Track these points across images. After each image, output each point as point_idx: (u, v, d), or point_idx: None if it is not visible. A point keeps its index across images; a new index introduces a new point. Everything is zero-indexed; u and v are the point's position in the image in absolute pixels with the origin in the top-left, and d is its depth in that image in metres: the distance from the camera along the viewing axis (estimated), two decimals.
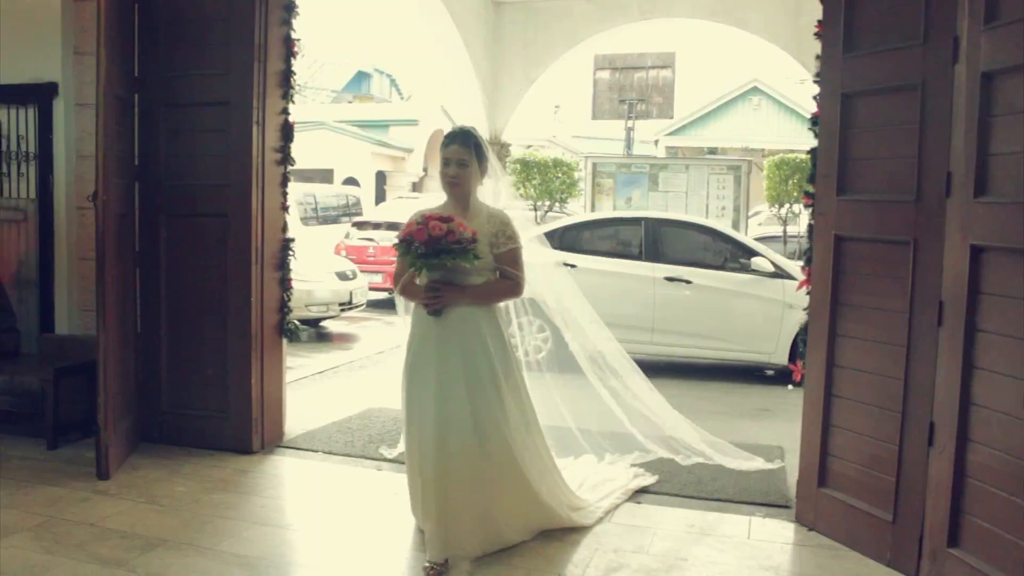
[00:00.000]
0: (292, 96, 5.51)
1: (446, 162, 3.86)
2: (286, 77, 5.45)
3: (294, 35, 5.52)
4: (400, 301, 4.34)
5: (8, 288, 5.93)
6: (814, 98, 4.35)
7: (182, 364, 5.45)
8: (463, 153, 3.85)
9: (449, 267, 3.64)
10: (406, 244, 3.63)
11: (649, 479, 5.04)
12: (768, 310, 8.20)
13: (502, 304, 4.07)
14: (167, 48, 5.37)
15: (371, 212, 18.62)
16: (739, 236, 9.44)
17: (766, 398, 7.71)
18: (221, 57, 5.24)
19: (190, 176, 5.40)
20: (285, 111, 5.46)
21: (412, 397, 3.84)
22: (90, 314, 5.73)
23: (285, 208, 5.56)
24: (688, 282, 8.41)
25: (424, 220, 3.58)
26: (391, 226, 14.17)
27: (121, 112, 5.11)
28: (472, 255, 3.57)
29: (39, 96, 5.86)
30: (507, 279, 3.86)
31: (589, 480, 4.88)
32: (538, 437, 4.15)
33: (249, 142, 5.18)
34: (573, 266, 8.62)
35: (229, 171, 5.22)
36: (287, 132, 5.47)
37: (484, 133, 12.44)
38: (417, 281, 3.83)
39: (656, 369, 8.87)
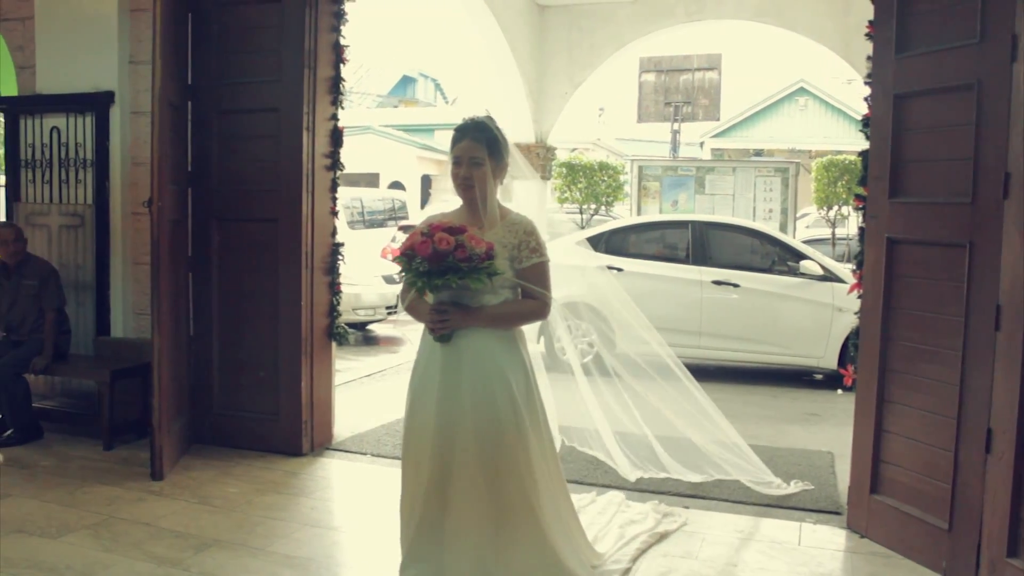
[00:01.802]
0: (341, 102, 5.57)
1: (456, 161, 3.22)
2: (335, 83, 5.52)
3: (343, 41, 5.58)
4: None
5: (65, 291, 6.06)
6: (865, 99, 4.29)
7: (233, 367, 5.53)
8: (475, 150, 3.19)
9: (456, 286, 3.03)
10: (407, 259, 3.01)
11: (677, 522, 4.42)
12: (817, 314, 8.10)
13: (526, 327, 3.36)
14: (219, 56, 5.46)
15: (417, 216, 18.71)
16: (787, 239, 9.33)
17: (815, 403, 7.62)
18: (272, 64, 5.32)
19: (241, 182, 5.48)
20: (334, 117, 5.53)
21: (410, 436, 3.27)
22: (145, 317, 5.85)
23: (334, 212, 5.63)
24: (736, 285, 8.34)
25: (430, 231, 2.95)
26: None
27: (175, 119, 5.20)
28: (485, 274, 2.95)
29: (96, 104, 5.99)
30: (531, 299, 3.22)
31: (615, 520, 4.35)
32: (558, 484, 3.44)
33: (299, 148, 5.24)
34: (619, 269, 8.60)
35: (280, 176, 5.30)
36: (336, 137, 5.53)
37: (530, 136, 12.48)
38: (427, 298, 3.28)
39: (703, 373, 8.84)
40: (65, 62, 6.09)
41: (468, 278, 2.93)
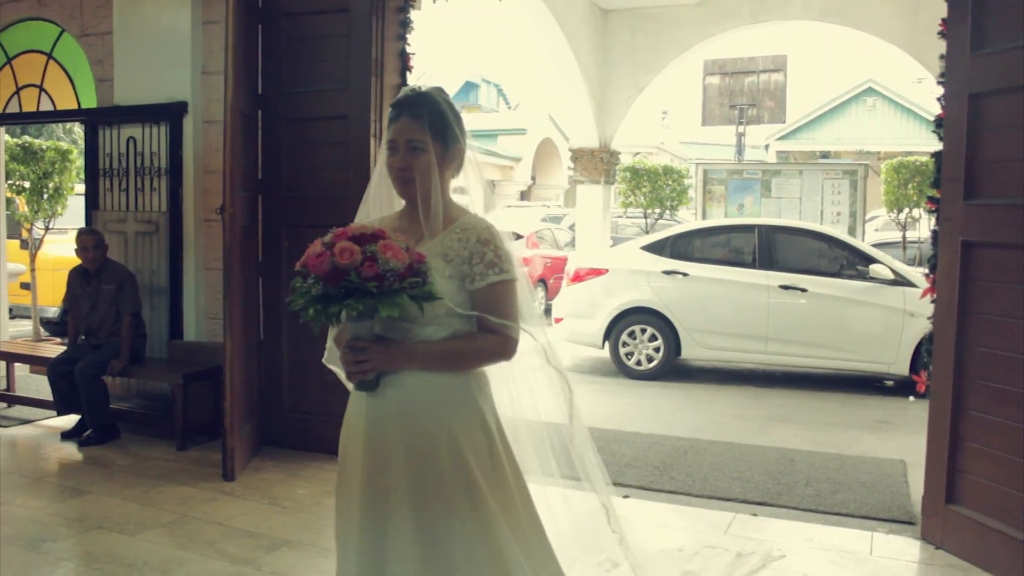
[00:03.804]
0: None
1: (391, 146, 2.29)
2: (401, 90, 5.57)
3: (409, 49, 5.64)
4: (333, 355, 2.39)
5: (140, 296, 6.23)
6: (938, 99, 4.20)
7: (303, 370, 5.62)
8: (414, 130, 2.25)
9: (357, 314, 2.04)
10: (301, 277, 2.10)
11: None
12: (888, 318, 7.94)
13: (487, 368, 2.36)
14: (288, 65, 5.57)
15: None
16: (856, 242, 9.17)
17: (886, 410, 7.46)
18: (340, 73, 5.41)
19: (310, 188, 5.57)
20: None
21: (339, 526, 2.34)
22: (216, 321, 5.99)
23: None
24: (803, 290, 8.22)
25: (331, 240, 2.06)
26: None
27: (246, 128, 5.32)
28: (406, 297, 2.02)
29: (170, 114, 6.15)
30: (488, 332, 2.23)
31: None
32: (545, 564, 2.42)
33: (367, 155, 5.31)
34: (685, 274, 8.54)
35: (348, 183, 5.37)
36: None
37: (593, 141, 12.48)
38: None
39: (770, 379, 8.75)
40: (141, 74, 6.27)
41: (385, 305, 2.01)
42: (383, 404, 2.22)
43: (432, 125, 2.27)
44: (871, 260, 8.28)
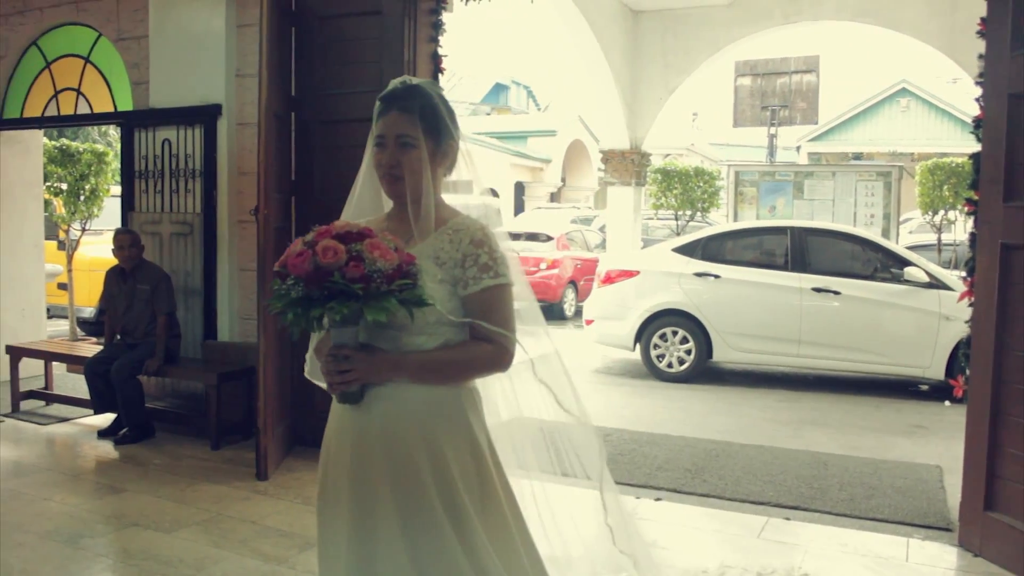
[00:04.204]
0: None
1: (379, 142, 2.15)
2: None
3: (440, 51, 5.66)
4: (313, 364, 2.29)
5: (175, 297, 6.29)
6: (976, 100, 4.15)
7: None
8: (405, 124, 2.11)
9: (341, 318, 1.91)
10: (280, 279, 1.93)
11: None
12: (923, 322, 7.85)
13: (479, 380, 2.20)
14: (322, 68, 5.61)
15: (511, 223, 18.83)
16: (890, 245, 9.08)
17: (921, 414, 7.38)
18: (372, 75, 5.42)
19: (343, 190, 5.53)
20: None
21: (323, 543, 2.17)
22: (250, 322, 6.04)
23: None
24: (836, 292, 8.14)
25: (314, 239, 1.91)
26: (531, 236, 14.31)
27: (280, 130, 5.36)
28: (395, 300, 1.88)
29: (205, 117, 6.22)
30: (483, 340, 2.08)
31: None
32: None
33: None
34: (717, 276, 8.50)
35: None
36: None
37: (624, 143, 12.46)
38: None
39: (803, 382, 8.68)
40: (176, 77, 6.35)
41: (372, 309, 1.85)
42: (368, 419, 2.05)
43: (424, 119, 2.13)
44: (906, 263, 8.19)
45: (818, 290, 8.18)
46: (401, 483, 2.01)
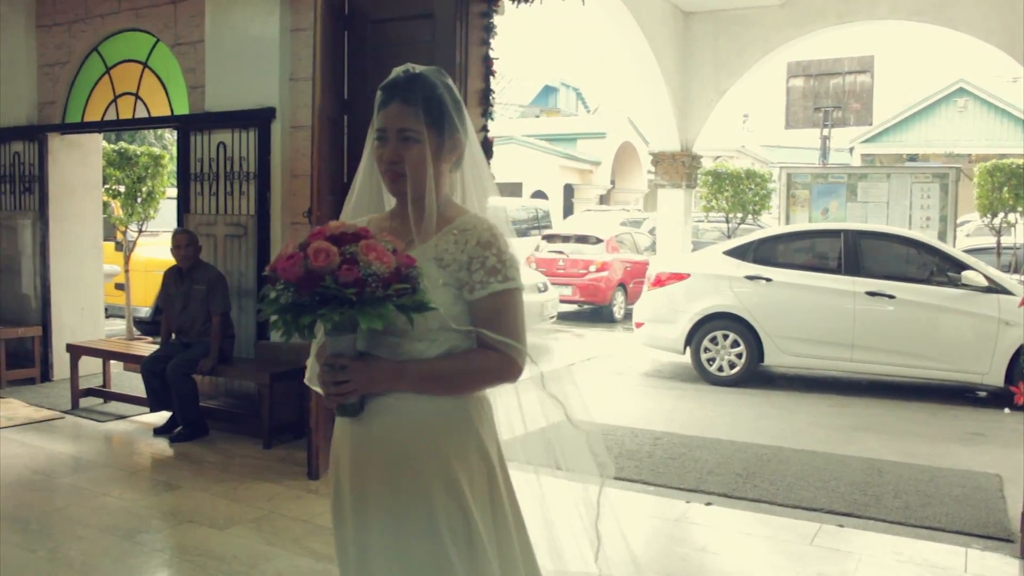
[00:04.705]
0: (491, 113, 5.66)
1: (380, 136, 2.01)
2: (485, 95, 5.62)
3: (492, 54, 5.67)
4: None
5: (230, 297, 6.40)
6: None
7: None
8: (406, 117, 1.97)
9: (333, 325, 1.77)
10: (270, 283, 1.81)
11: None
12: (981, 327, 7.67)
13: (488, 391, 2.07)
14: (374, 71, 5.64)
15: (560, 225, 18.86)
16: (947, 248, 8.90)
17: (979, 421, 7.22)
18: None
19: None
20: (484, 128, 5.62)
21: (337, 553, 2.06)
22: None
23: None
24: (891, 296, 8.00)
25: (307, 240, 1.79)
26: (580, 239, 14.28)
27: (333, 133, 5.42)
28: (390, 308, 1.74)
29: (259, 120, 6.30)
30: (490, 349, 1.93)
31: None
32: None
33: None
34: (768, 279, 8.41)
35: None
36: (487, 149, 5.62)
37: (675, 145, 12.38)
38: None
39: (856, 387, 8.55)
40: (231, 81, 6.45)
41: (365, 316, 1.72)
42: (368, 432, 1.93)
43: (427, 112, 1.97)
44: (963, 266, 8.02)
45: (872, 294, 8.05)
46: (402, 500, 1.89)
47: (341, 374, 1.85)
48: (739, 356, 8.50)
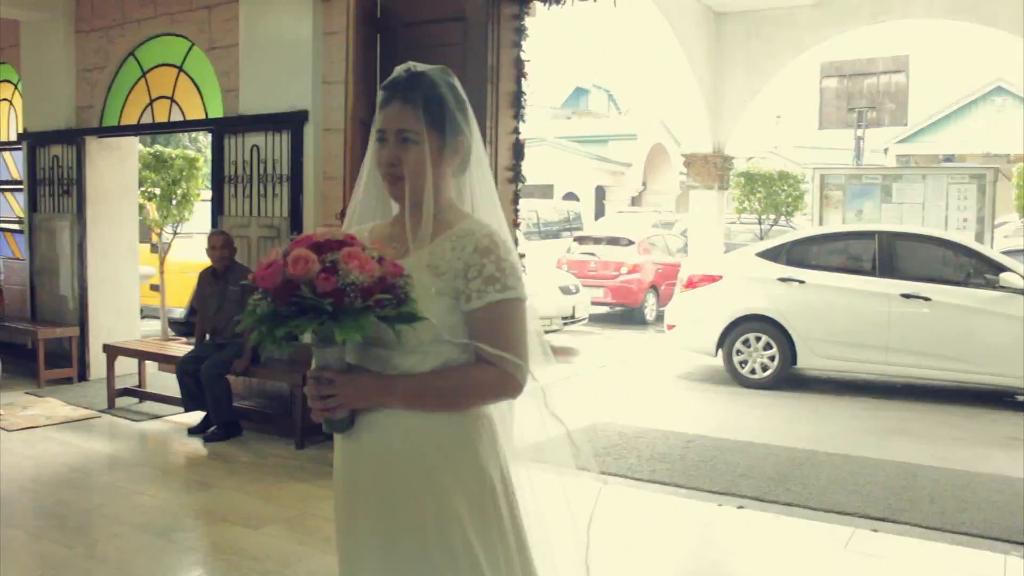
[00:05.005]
0: (522, 116, 5.67)
1: (380, 137, 1.90)
2: (517, 97, 5.62)
3: (524, 56, 5.68)
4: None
5: None
6: None
7: None
8: (406, 118, 1.86)
9: (305, 336, 1.69)
10: (252, 292, 1.73)
11: None
12: (1019, 330, 7.55)
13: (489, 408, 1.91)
14: None
15: (592, 227, 18.83)
16: (984, 249, 8.77)
17: (1017, 426, 7.10)
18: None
19: None
20: (516, 131, 5.63)
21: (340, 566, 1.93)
22: None
23: (516, 224, 5.72)
24: (927, 299, 7.90)
25: (289, 247, 1.70)
26: (612, 240, 14.25)
27: (365, 136, 5.41)
28: (370, 320, 1.64)
29: (292, 123, 6.35)
30: (487, 364, 1.80)
31: None
32: None
33: None
34: (802, 282, 8.34)
35: None
36: (518, 151, 5.63)
37: (707, 146, 12.31)
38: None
39: (890, 390, 8.46)
40: (265, 84, 6.51)
41: (340, 325, 1.62)
42: (358, 449, 1.83)
43: (428, 111, 1.86)
44: (1001, 268, 7.91)
45: (907, 296, 7.95)
46: (392, 526, 1.78)
47: (327, 388, 1.74)
48: (772, 359, 8.44)
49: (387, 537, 1.78)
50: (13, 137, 8.88)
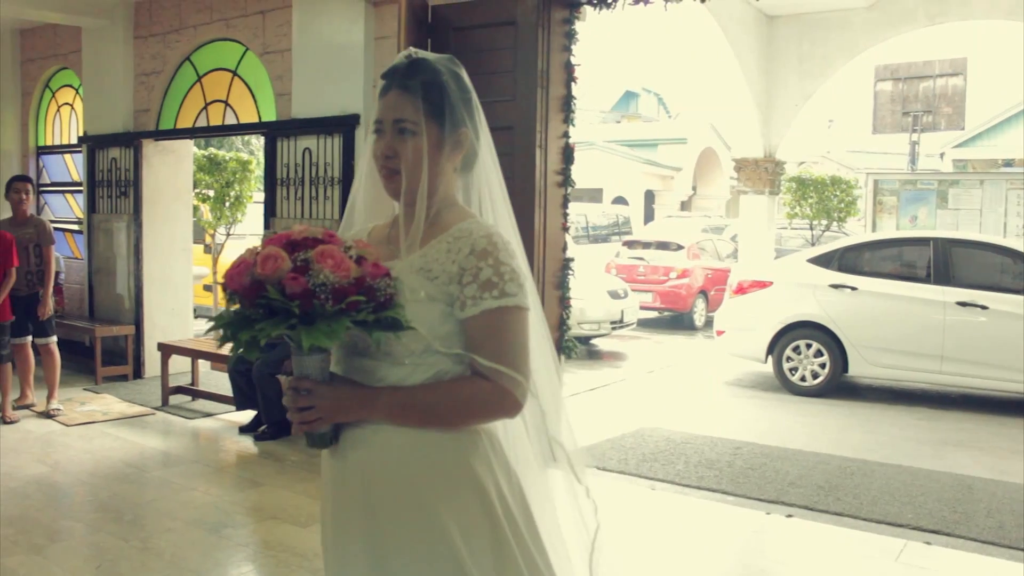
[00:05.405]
0: (572, 120, 5.67)
1: (377, 128, 1.75)
2: (567, 102, 5.63)
3: (574, 61, 5.68)
4: None
5: None
6: None
7: None
8: (404, 107, 1.71)
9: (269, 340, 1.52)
10: (227, 293, 1.59)
11: None
12: None
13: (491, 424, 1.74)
14: None
15: (641, 231, 18.74)
16: None
17: None
18: (506, 85, 5.50)
19: None
20: (566, 135, 5.63)
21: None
22: None
23: (565, 228, 5.73)
24: (983, 307, 7.74)
25: (263, 245, 1.58)
26: (661, 245, 14.17)
27: None
28: (342, 325, 1.49)
29: (344, 126, 6.42)
30: (481, 377, 1.63)
31: None
32: None
33: (532, 165, 5.38)
34: (854, 288, 8.22)
35: (513, 193, 5.36)
36: (568, 155, 5.63)
37: (758, 151, 12.19)
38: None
39: (945, 400, 8.30)
40: (317, 88, 6.58)
41: (306, 330, 1.48)
42: (344, 467, 1.67)
43: (427, 100, 1.70)
44: None
45: (963, 304, 7.80)
46: (380, 552, 1.62)
47: (305, 399, 1.59)
48: (822, 366, 8.33)
49: (377, 562, 1.63)
50: (74, 141, 9.10)
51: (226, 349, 1.61)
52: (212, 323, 1.59)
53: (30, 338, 6.65)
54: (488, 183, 1.84)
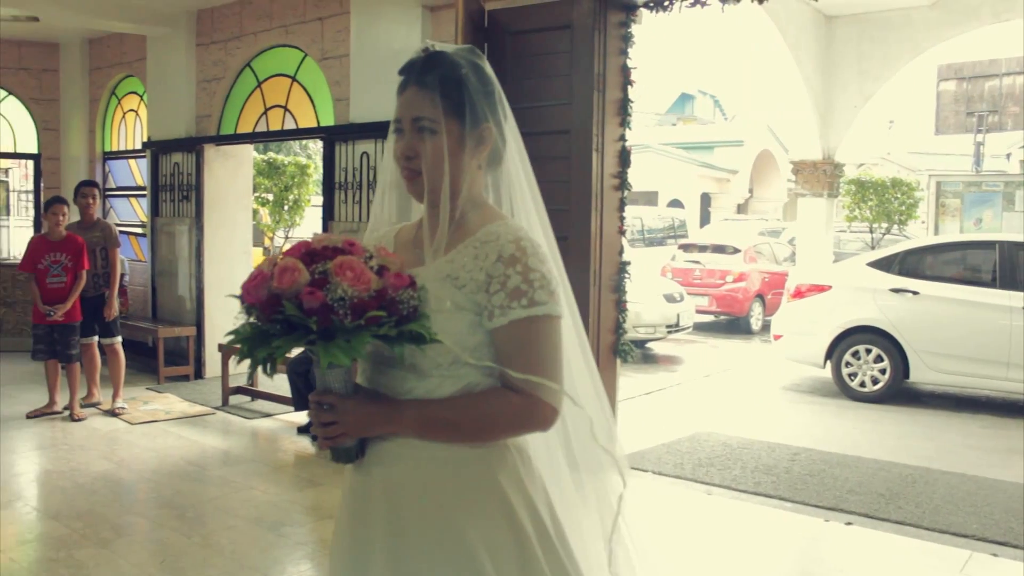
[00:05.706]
0: (629, 123, 5.65)
1: (396, 128, 1.68)
2: (623, 105, 5.61)
3: (630, 64, 5.66)
4: None
5: None
6: None
7: None
8: (422, 104, 1.63)
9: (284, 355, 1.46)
10: (243, 307, 1.56)
11: None
12: None
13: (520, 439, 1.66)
14: (513, 82, 5.72)
15: (696, 234, 18.61)
16: None
17: None
18: (563, 88, 5.51)
19: None
20: (622, 138, 5.62)
21: None
22: None
23: (622, 232, 5.71)
24: None
25: (282, 255, 1.53)
26: (717, 248, 14.05)
27: None
28: (363, 340, 1.42)
29: None
30: (511, 390, 1.56)
31: None
32: None
33: (589, 168, 5.38)
34: (915, 292, 8.06)
35: (570, 196, 5.46)
36: (624, 158, 5.62)
37: (816, 153, 12.02)
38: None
39: (1012, 408, 8.10)
40: (374, 93, 6.65)
41: (323, 347, 1.41)
42: (367, 482, 1.60)
43: (445, 96, 1.61)
44: None
45: None
46: (403, 571, 1.54)
47: (328, 414, 1.53)
48: (883, 372, 8.18)
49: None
50: (139, 146, 9.32)
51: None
52: (231, 336, 1.53)
53: (96, 338, 6.84)
54: (516, 180, 1.74)
